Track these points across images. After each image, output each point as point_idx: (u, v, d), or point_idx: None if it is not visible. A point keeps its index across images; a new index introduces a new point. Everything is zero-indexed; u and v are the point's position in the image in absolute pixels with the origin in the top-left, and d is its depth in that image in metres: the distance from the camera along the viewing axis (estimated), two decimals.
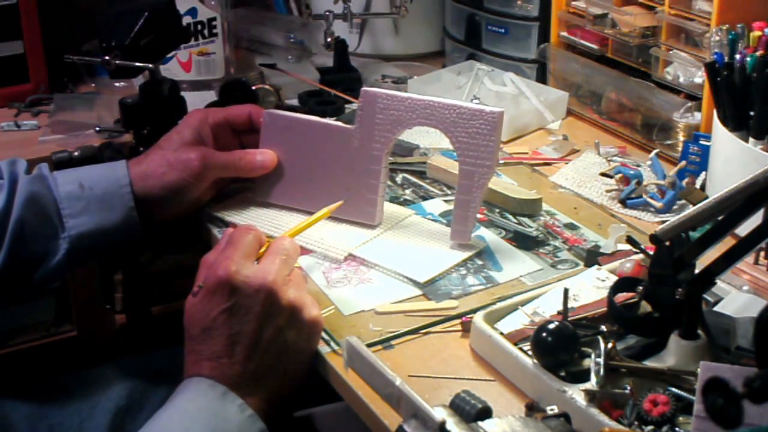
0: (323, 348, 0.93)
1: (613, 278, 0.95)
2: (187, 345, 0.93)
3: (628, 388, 0.79)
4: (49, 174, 1.11)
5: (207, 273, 0.93)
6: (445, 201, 1.20)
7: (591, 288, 0.95)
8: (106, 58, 1.27)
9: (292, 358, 0.93)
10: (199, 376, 0.90)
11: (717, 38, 1.18)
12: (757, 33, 1.15)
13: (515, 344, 0.87)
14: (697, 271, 0.83)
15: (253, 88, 1.40)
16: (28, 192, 1.08)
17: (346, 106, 1.44)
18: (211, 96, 1.52)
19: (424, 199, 1.21)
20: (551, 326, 0.83)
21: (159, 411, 0.90)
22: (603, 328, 0.86)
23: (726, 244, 0.82)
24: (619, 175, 1.22)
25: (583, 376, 0.81)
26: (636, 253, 0.97)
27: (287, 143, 1.16)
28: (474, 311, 0.96)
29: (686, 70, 1.28)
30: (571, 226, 1.15)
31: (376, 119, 1.10)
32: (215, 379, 0.90)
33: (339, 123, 1.16)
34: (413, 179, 1.27)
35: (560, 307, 0.88)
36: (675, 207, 1.18)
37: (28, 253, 1.08)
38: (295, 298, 0.92)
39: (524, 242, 1.11)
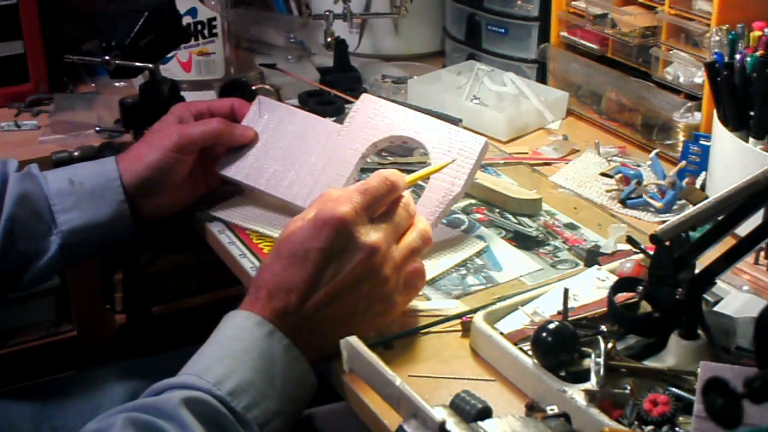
0: None
1: (613, 278, 0.95)
2: (260, 271, 0.90)
3: (628, 388, 0.79)
4: (39, 173, 1.12)
5: (324, 205, 0.88)
6: None
7: (591, 288, 0.95)
8: (106, 58, 1.27)
9: (353, 327, 0.88)
10: (250, 311, 0.87)
11: (717, 38, 1.18)
12: (757, 33, 1.15)
13: (515, 344, 0.87)
14: (697, 271, 0.83)
15: (253, 88, 1.40)
16: (18, 190, 1.08)
17: (346, 105, 1.44)
18: (211, 96, 1.52)
19: None
20: (551, 326, 0.83)
21: (203, 348, 0.86)
22: (603, 328, 0.86)
23: (726, 244, 0.82)
24: (619, 175, 1.22)
25: (583, 376, 0.81)
26: (636, 253, 0.97)
27: (271, 127, 1.18)
28: (474, 311, 0.95)
29: (686, 70, 1.28)
30: (571, 226, 1.15)
31: (367, 121, 1.11)
32: (272, 312, 0.86)
33: (329, 120, 1.18)
34: None
35: (560, 307, 0.88)
36: (675, 207, 1.18)
37: (20, 251, 1.08)
38: (391, 274, 0.89)
39: (524, 242, 1.11)
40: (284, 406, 0.84)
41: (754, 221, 0.82)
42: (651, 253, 0.87)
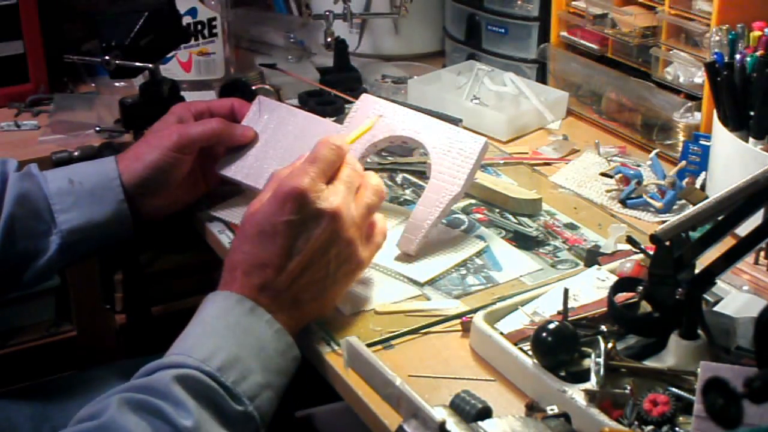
0: (323, 348, 0.93)
1: (613, 278, 0.95)
2: (230, 253, 0.92)
3: (628, 388, 0.79)
4: (38, 172, 1.12)
5: (281, 182, 0.92)
6: None
7: (591, 288, 0.95)
8: (106, 58, 1.27)
9: (328, 290, 0.93)
10: (230, 291, 0.89)
11: (717, 38, 1.18)
12: (757, 33, 1.15)
13: (515, 344, 0.87)
14: (697, 271, 0.83)
15: (253, 88, 1.40)
16: (18, 189, 1.09)
17: (346, 106, 1.44)
18: (211, 96, 1.52)
19: None
20: (551, 326, 0.83)
21: (187, 329, 0.89)
22: (603, 328, 0.86)
23: (726, 244, 0.82)
24: (619, 175, 1.22)
25: (583, 376, 0.81)
26: (636, 253, 0.97)
27: (271, 127, 1.18)
28: (474, 311, 0.96)
29: (686, 70, 1.28)
30: (571, 226, 1.15)
31: (367, 121, 1.11)
32: (251, 289, 0.89)
33: (329, 120, 1.18)
34: (413, 179, 1.27)
35: (560, 307, 0.88)
36: (675, 207, 1.18)
37: (20, 251, 1.08)
38: (354, 234, 0.93)
39: (524, 242, 1.11)
40: (271, 379, 0.87)
41: (754, 221, 0.82)
42: (651, 253, 0.87)
